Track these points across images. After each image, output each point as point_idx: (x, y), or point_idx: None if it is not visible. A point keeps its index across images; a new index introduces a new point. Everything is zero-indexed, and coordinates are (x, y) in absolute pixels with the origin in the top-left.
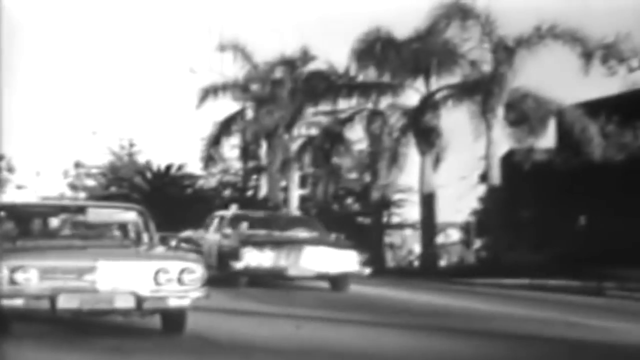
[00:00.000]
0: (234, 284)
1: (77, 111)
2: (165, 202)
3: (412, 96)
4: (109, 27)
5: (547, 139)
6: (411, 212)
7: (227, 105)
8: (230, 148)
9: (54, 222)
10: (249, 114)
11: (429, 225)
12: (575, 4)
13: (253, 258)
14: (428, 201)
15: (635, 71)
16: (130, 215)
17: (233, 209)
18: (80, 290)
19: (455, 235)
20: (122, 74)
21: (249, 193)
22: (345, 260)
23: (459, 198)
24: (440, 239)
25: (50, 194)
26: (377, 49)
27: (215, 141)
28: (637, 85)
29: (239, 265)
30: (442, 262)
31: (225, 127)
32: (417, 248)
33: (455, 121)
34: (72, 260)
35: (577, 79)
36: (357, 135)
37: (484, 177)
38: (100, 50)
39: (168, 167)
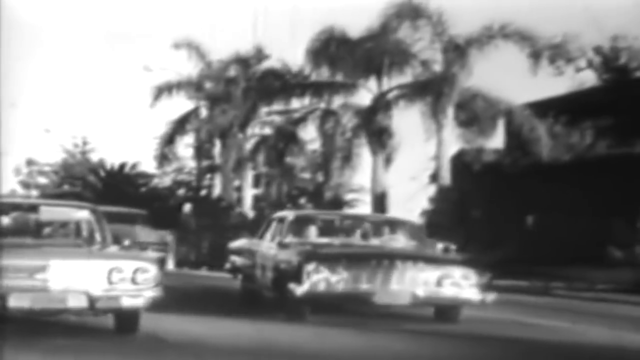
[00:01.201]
0: (294, 313)
1: (29, 108)
2: (119, 201)
3: (364, 96)
4: (61, 24)
5: (497, 139)
6: (363, 211)
7: (181, 104)
8: (185, 147)
9: (5, 220)
10: (203, 112)
11: None
12: (527, 3)
13: (321, 279)
14: (380, 201)
15: (582, 71)
16: (83, 214)
17: (187, 208)
18: (32, 290)
19: None
20: (76, 71)
21: (203, 192)
22: (457, 281)
23: (410, 198)
24: None
25: (1, 191)
26: (331, 48)
27: (169, 140)
28: (584, 86)
29: (299, 289)
30: None
31: (179, 126)
32: None
33: (407, 121)
34: (24, 259)
35: (527, 79)
36: (310, 134)
37: (434, 177)
38: (53, 47)
39: (122, 166)
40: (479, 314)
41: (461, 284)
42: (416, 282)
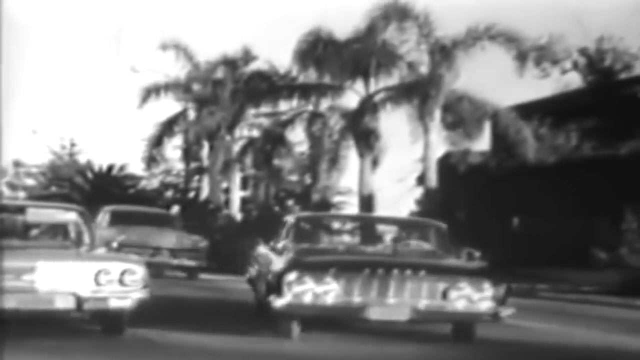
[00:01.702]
0: (278, 330)
1: (16, 108)
2: (107, 203)
3: (352, 98)
4: (48, 25)
5: (483, 142)
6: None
7: (169, 106)
8: (172, 149)
9: None
10: (191, 114)
11: None
12: (513, 4)
13: (305, 290)
14: (367, 203)
15: (567, 73)
16: (70, 216)
17: (175, 211)
18: (19, 291)
19: None
20: (63, 72)
21: (191, 194)
22: (468, 293)
23: (397, 200)
24: None
25: None
26: (319, 49)
27: (157, 142)
28: (569, 87)
29: (279, 301)
30: None
31: (167, 128)
32: None
33: (394, 124)
34: (11, 260)
35: (513, 81)
36: (298, 137)
37: (421, 180)
38: (40, 48)
39: (109, 168)
40: None
41: (472, 296)
42: (418, 294)
